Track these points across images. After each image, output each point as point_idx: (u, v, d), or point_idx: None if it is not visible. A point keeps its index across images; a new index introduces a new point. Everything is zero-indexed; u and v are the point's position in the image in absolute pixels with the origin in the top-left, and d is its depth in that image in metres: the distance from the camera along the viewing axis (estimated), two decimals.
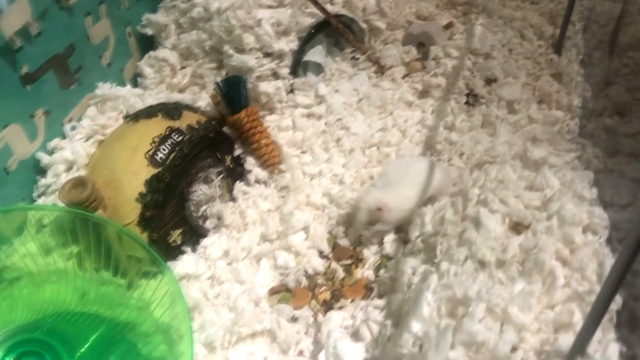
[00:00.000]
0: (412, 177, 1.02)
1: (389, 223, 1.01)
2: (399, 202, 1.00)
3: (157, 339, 0.88)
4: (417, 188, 1.01)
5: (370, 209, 0.99)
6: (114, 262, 0.93)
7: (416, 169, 1.03)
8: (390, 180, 1.01)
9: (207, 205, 1.06)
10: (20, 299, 0.88)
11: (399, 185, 1.01)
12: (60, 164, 1.01)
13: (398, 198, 1.00)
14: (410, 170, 1.03)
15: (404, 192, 1.01)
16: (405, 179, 1.02)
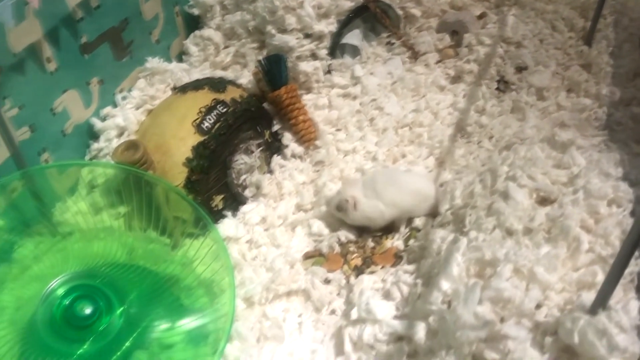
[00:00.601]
0: (392, 196, 1.03)
1: (350, 219, 1.04)
2: (369, 210, 1.03)
3: (199, 292, 0.94)
4: (391, 208, 1.03)
5: (343, 197, 1.02)
6: (160, 222, 0.99)
7: (402, 188, 1.04)
8: (375, 188, 1.03)
9: (247, 174, 1.11)
10: (72, 252, 0.95)
11: (378, 196, 1.03)
12: (112, 129, 1.08)
13: (370, 207, 1.02)
14: (396, 187, 1.04)
15: (379, 206, 1.03)
16: (385, 194, 1.03)
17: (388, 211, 1.03)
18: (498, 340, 0.71)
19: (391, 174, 1.10)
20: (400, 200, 1.03)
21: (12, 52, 0.89)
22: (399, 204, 1.04)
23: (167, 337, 0.88)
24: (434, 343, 0.77)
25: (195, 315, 0.91)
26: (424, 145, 1.19)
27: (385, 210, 1.03)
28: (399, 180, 1.06)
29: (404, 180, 1.06)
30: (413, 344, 0.81)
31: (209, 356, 0.85)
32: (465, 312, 0.73)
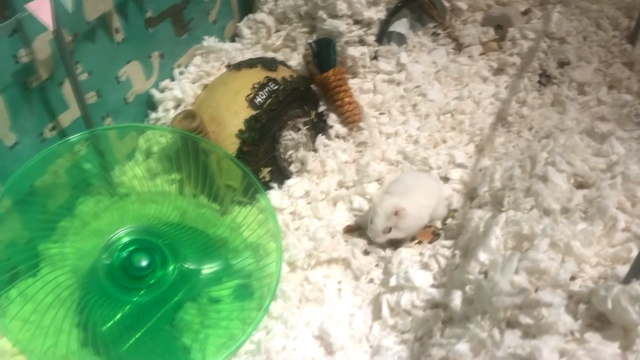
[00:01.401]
0: (427, 188, 1.04)
1: (404, 230, 1.01)
2: (415, 209, 1.00)
3: (246, 254, 0.99)
4: (432, 198, 1.04)
5: (388, 213, 0.98)
6: (212, 189, 1.05)
7: (429, 183, 1.07)
8: (407, 188, 1.03)
9: (293, 150, 1.17)
10: (129, 212, 1.01)
11: (415, 193, 1.02)
12: (170, 100, 1.15)
13: (415, 205, 1.00)
14: (424, 181, 1.06)
15: (421, 200, 1.02)
16: (420, 188, 1.03)
17: (430, 202, 1.03)
18: (532, 307, 0.74)
19: (412, 174, 1.11)
20: (434, 191, 1.05)
21: (86, 20, 0.96)
22: (435, 194, 1.05)
23: (216, 292, 0.95)
24: (470, 310, 0.81)
25: (242, 274, 0.97)
26: (465, 132, 1.23)
27: (428, 202, 1.03)
28: (420, 176, 1.09)
29: (424, 176, 1.10)
30: (449, 311, 0.85)
31: (255, 311, 0.91)
32: (502, 280, 0.77)
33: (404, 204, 0.99)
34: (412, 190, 1.02)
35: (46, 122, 0.94)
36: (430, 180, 1.09)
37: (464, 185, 1.12)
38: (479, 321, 0.77)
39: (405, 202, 0.99)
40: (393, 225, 1.00)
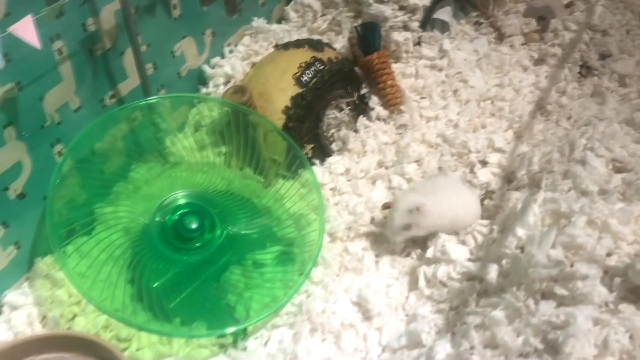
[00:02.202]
0: (453, 188, 1.03)
1: (424, 228, 0.99)
2: (437, 206, 0.98)
3: (288, 223, 1.04)
4: (457, 199, 1.01)
5: (409, 208, 0.97)
6: (257, 162, 1.09)
7: (456, 184, 1.05)
8: (432, 187, 1.02)
9: (336, 129, 1.21)
10: (179, 179, 1.07)
11: (441, 191, 1.01)
12: (220, 76, 1.20)
13: (437, 202, 0.98)
14: (453, 183, 1.05)
15: (445, 197, 1.00)
16: (447, 188, 1.02)
17: (456, 200, 1.01)
18: (568, 280, 0.77)
19: (440, 177, 1.10)
20: (462, 194, 1.04)
21: None
22: (463, 196, 1.04)
23: (260, 256, 0.99)
24: (505, 282, 0.84)
25: (284, 242, 1.02)
26: (504, 118, 1.25)
27: (454, 200, 1.01)
28: (450, 179, 1.08)
29: (455, 180, 1.08)
30: (484, 284, 0.88)
31: (296, 275, 0.95)
32: (539, 252, 0.80)
33: (426, 200, 0.97)
34: (437, 189, 1.01)
35: (107, 89, 1.00)
36: (458, 182, 1.07)
37: (502, 169, 1.14)
38: (514, 292, 0.80)
39: (428, 198, 0.98)
40: (414, 222, 0.97)
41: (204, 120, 1.14)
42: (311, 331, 0.88)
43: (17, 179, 0.88)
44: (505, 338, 0.73)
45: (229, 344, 0.89)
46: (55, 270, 0.95)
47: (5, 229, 0.89)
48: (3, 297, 0.91)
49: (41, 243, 0.96)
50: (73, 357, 0.85)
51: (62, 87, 0.91)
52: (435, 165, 1.16)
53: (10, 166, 0.86)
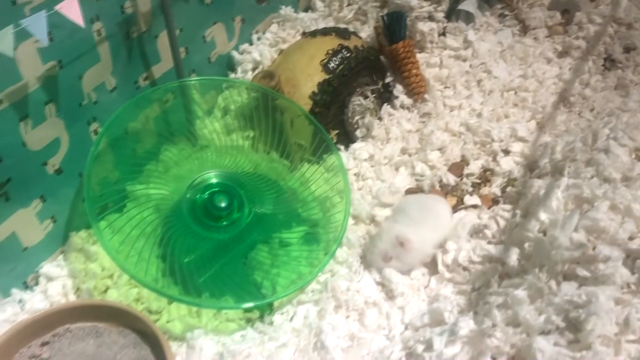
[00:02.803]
0: (433, 219, 1.00)
1: (405, 264, 0.97)
2: (421, 243, 0.97)
3: (313, 205, 1.06)
4: (438, 232, 0.99)
5: (392, 241, 0.96)
6: (283, 146, 1.12)
7: (436, 211, 1.02)
8: (413, 219, 0.99)
9: (360, 116, 1.23)
10: (208, 161, 1.09)
11: (422, 225, 0.98)
12: (249, 62, 1.23)
13: (421, 239, 0.97)
14: (431, 211, 1.02)
15: (427, 234, 0.98)
16: (427, 220, 1.00)
17: (436, 236, 0.99)
18: (590, 262, 0.79)
19: (417, 200, 1.06)
20: (440, 222, 1.01)
21: None
22: (441, 226, 1.01)
23: (286, 236, 1.02)
24: (527, 264, 0.86)
25: (310, 223, 1.04)
26: (527, 108, 1.26)
27: (434, 235, 0.99)
28: (426, 202, 1.04)
29: (430, 201, 1.05)
30: (506, 267, 0.90)
31: (321, 255, 0.98)
32: (562, 235, 0.82)
33: (411, 236, 0.96)
34: (418, 222, 0.99)
35: (141, 71, 1.03)
36: (436, 208, 1.03)
37: (524, 158, 1.16)
38: (536, 273, 0.82)
39: (412, 234, 0.96)
40: (395, 255, 0.96)
41: (231, 105, 1.17)
42: (336, 308, 0.91)
43: (55, 155, 0.92)
44: (527, 316, 0.75)
45: (255, 318, 0.92)
46: (89, 244, 0.98)
47: (43, 203, 0.92)
48: (39, 269, 0.95)
49: (75, 218, 0.99)
50: (106, 327, 0.88)
51: (100, 67, 0.94)
52: (458, 153, 1.18)
53: (49, 142, 0.90)
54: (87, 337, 0.87)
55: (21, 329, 0.84)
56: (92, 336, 0.87)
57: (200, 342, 0.85)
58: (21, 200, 0.88)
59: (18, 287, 0.92)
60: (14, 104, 0.81)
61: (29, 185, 0.89)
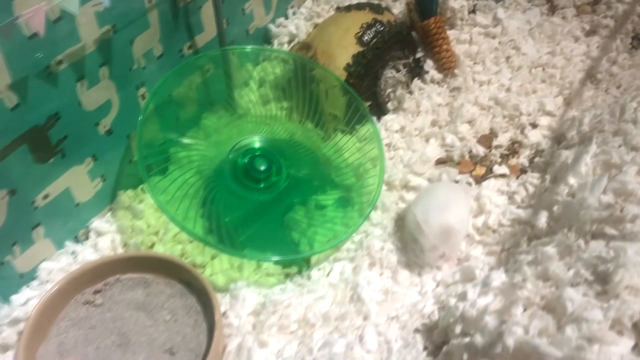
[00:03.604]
0: (461, 198, 0.98)
1: (455, 251, 0.95)
2: (462, 223, 0.95)
3: (347, 171, 1.11)
4: (467, 208, 0.98)
5: (438, 234, 0.91)
6: (319, 117, 1.16)
7: (457, 194, 1.00)
8: (442, 204, 0.95)
9: (392, 89, 1.27)
10: (246, 129, 1.14)
11: (453, 206, 0.95)
12: (285, 35, 1.27)
13: (459, 218, 0.94)
14: (456, 192, 1.00)
15: (462, 212, 0.96)
16: (456, 199, 0.97)
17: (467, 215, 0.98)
18: (618, 222, 0.82)
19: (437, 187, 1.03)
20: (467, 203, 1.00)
21: None
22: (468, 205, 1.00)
23: (321, 199, 1.06)
24: (556, 225, 0.90)
25: (344, 188, 1.09)
26: (555, 84, 1.29)
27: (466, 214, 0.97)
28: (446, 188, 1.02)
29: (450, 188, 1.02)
30: (535, 230, 0.94)
31: (356, 218, 1.02)
32: (591, 196, 0.85)
33: (450, 219, 0.93)
34: (450, 200, 0.96)
35: (185, 40, 1.08)
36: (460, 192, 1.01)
37: (552, 132, 1.19)
38: (565, 233, 0.86)
39: (450, 216, 0.93)
40: (444, 247, 0.93)
41: (268, 77, 1.22)
42: (370, 265, 0.95)
43: (107, 116, 0.97)
44: (557, 271, 0.79)
45: (294, 273, 0.97)
46: (135, 202, 1.04)
47: (94, 162, 0.97)
48: (90, 224, 1.01)
49: (123, 178, 1.05)
50: (154, 278, 0.94)
51: (149, 34, 0.99)
52: (487, 126, 1.21)
53: (102, 103, 0.95)
54: (136, 287, 0.93)
55: (75, 277, 0.90)
56: (140, 286, 0.93)
57: (243, 292, 0.90)
58: (75, 157, 0.94)
59: (70, 241, 0.98)
60: (72, 65, 0.86)
61: (82, 144, 0.94)
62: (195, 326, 0.88)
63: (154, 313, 0.89)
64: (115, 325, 0.88)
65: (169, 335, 0.86)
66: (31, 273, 0.93)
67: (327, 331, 0.86)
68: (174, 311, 0.90)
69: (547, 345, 0.67)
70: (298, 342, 0.86)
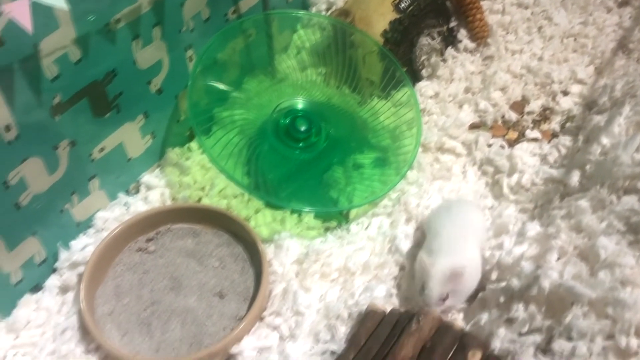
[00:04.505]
0: (471, 227, 0.90)
1: (463, 295, 0.85)
2: (474, 261, 0.85)
3: (383, 133, 1.15)
4: (481, 238, 0.90)
5: (446, 276, 0.81)
6: (356, 82, 1.20)
7: (468, 216, 0.92)
8: (450, 238, 0.86)
9: (426, 56, 1.30)
10: (285, 92, 1.18)
11: (464, 240, 0.86)
12: (323, 3, 1.31)
13: (471, 257, 0.85)
14: (463, 219, 0.91)
15: (473, 247, 0.87)
16: (466, 231, 0.88)
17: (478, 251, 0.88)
18: None
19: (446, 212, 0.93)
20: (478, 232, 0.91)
21: None
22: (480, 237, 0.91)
23: (359, 159, 1.11)
24: (589, 182, 0.93)
25: (381, 149, 1.13)
26: (586, 54, 1.32)
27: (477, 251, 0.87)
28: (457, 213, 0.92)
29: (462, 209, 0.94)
30: (567, 188, 0.97)
31: (393, 176, 1.06)
32: (624, 154, 0.88)
33: (463, 262, 0.83)
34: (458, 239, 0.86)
35: (230, 4, 1.12)
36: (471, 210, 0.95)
37: (583, 99, 1.22)
38: (598, 189, 0.89)
39: (460, 258, 0.83)
40: (452, 291, 0.83)
41: (306, 44, 1.26)
42: (407, 220, 1.00)
43: (157, 75, 1.02)
44: (590, 223, 0.83)
45: (334, 227, 1.02)
46: (182, 159, 1.09)
47: (145, 119, 1.03)
48: (140, 178, 1.06)
49: (170, 137, 1.10)
50: (202, 228, 0.99)
51: None
52: (519, 93, 1.24)
53: (153, 63, 1.00)
54: (186, 236, 0.98)
55: (130, 225, 0.96)
56: (190, 236, 0.98)
57: (286, 242, 0.95)
58: (129, 114, 0.99)
59: (123, 193, 1.04)
60: (129, 24, 0.91)
61: (135, 101, 0.99)
62: (242, 272, 0.93)
63: (203, 260, 0.95)
64: (167, 270, 0.93)
65: (218, 281, 0.92)
66: (87, 222, 0.99)
67: (366, 279, 0.91)
68: (222, 259, 0.95)
69: (581, 287, 0.71)
70: (340, 288, 0.91)
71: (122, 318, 0.87)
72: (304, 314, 0.86)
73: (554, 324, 0.72)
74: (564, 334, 0.70)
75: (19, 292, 0.91)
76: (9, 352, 0.85)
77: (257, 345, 0.83)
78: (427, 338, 0.71)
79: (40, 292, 0.93)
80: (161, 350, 0.83)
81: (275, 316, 0.87)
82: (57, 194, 0.91)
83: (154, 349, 0.83)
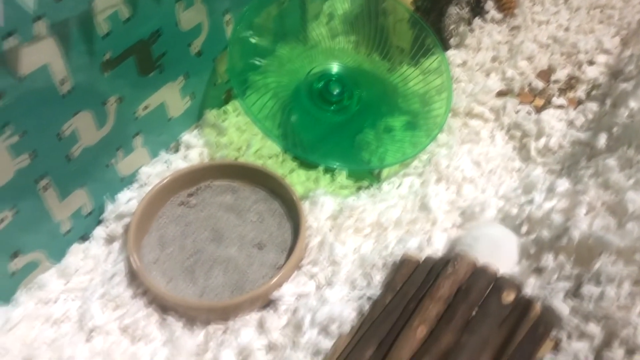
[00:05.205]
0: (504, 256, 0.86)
1: None
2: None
3: (413, 98, 1.18)
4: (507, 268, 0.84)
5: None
6: (386, 49, 1.23)
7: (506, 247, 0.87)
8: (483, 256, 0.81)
9: (455, 25, 1.33)
10: (316, 59, 1.21)
11: None
12: None
13: None
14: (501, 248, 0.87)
15: None
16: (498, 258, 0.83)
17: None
18: None
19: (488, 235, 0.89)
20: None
21: None
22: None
23: (390, 122, 1.14)
24: (616, 144, 0.96)
25: (411, 114, 1.16)
26: (612, 25, 1.33)
27: None
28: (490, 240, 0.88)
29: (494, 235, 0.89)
30: (594, 150, 1.00)
31: (424, 138, 1.10)
32: None
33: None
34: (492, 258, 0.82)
35: None
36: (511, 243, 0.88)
37: (609, 69, 1.24)
38: (625, 149, 0.92)
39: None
40: None
41: (337, 11, 1.29)
42: (437, 180, 1.03)
43: (198, 38, 1.05)
44: (618, 180, 0.86)
45: (366, 186, 1.05)
46: (219, 121, 1.13)
47: (186, 80, 1.07)
48: (180, 138, 1.11)
49: (208, 99, 1.14)
50: (240, 185, 1.03)
51: None
52: (545, 62, 1.27)
53: (194, 25, 1.03)
54: (225, 192, 1.03)
55: (172, 180, 1.00)
56: (229, 192, 1.03)
57: (321, 199, 0.99)
58: (171, 74, 1.03)
59: (164, 151, 1.08)
60: None
61: (177, 62, 1.03)
62: (279, 226, 0.97)
63: (242, 214, 0.99)
64: (208, 222, 0.98)
65: (256, 233, 0.96)
66: (130, 177, 1.04)
67: (399, 233, 0.95)
68: (260, 213, 0.99)
69: (610, 236, 0.75)
70: (373, 242, 0.95)
71: (167, 266, 0.92)
72: (340, 264, 0.90)
73: (582, 271, 0.76)
74: (593, 279, 0.74)
75: (68, 241, 0.96)
76: (60, 296, 0.90)
77: (296, 292, 0.87)
78: (462, 280, 0.74)
79: (88, 241, 0.97)
80: (205, 295, 0.88)
81: (313, 265, 0.91)
82: (104, 148, 0.96)
83: (198, 294, 0.88)
